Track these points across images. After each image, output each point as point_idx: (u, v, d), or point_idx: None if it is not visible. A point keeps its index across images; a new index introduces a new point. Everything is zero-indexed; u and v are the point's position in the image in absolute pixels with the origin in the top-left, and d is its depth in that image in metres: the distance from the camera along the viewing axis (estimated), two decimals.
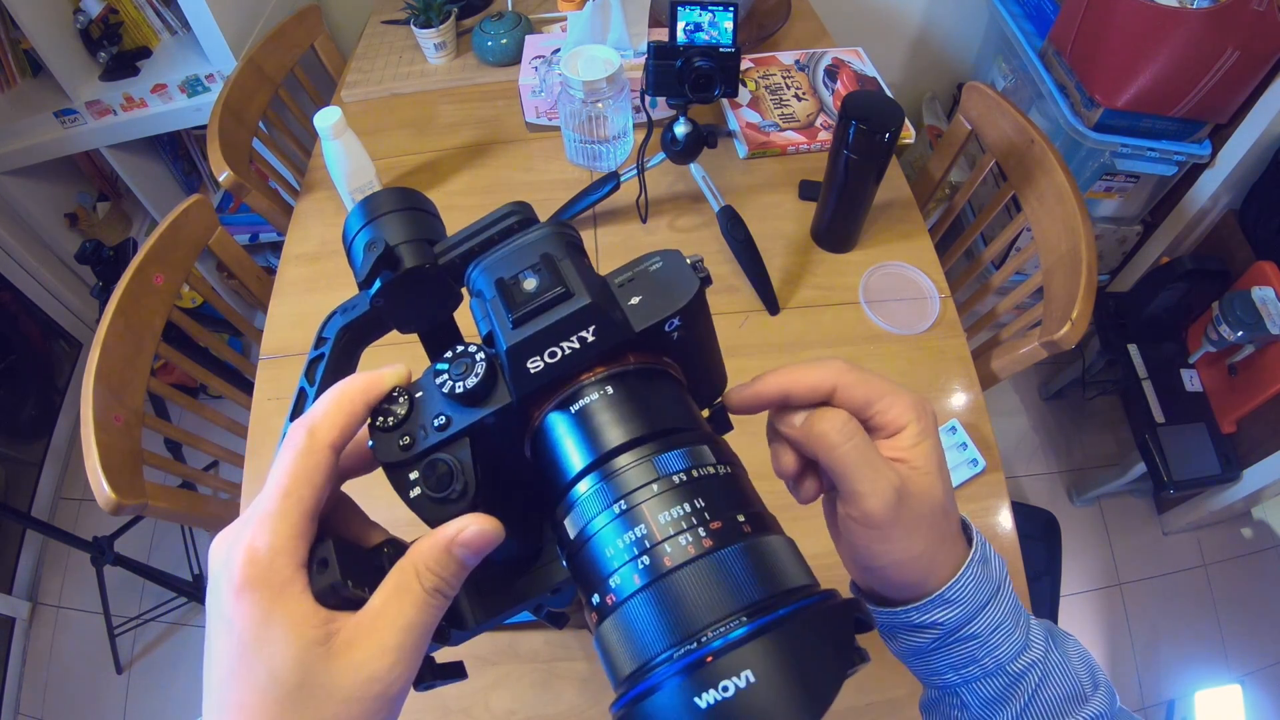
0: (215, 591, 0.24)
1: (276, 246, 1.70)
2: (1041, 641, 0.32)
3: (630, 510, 0.24)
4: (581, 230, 0.99)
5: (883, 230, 0.99)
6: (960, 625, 0.31)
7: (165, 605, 1.53)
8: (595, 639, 0.24)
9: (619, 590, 0.23)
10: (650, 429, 0.26)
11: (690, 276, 0.28)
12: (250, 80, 1.16)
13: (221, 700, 0.23)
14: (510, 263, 0.28)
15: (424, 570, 0.25)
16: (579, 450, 0.26)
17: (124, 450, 0.82)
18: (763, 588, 0.22)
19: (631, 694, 0.21)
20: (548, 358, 0.26)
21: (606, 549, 0.24)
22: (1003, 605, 0.31)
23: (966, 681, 0.32)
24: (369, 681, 0.23)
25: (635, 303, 0.27)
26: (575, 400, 0.27)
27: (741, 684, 0.19)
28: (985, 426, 0.81)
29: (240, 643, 0.23)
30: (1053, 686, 0.31)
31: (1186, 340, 1.53)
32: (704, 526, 0.23)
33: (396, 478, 0.27)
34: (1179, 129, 1.33)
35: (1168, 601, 1.56)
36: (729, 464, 0.26)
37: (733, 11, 0.77)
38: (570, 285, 0.26)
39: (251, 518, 0.24)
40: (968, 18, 1.75)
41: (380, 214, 0.33)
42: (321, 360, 0.34)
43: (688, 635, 0.21)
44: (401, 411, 0.27)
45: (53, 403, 1.78)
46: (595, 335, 0.26)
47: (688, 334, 0.28)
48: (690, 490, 0.24)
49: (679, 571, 0.22)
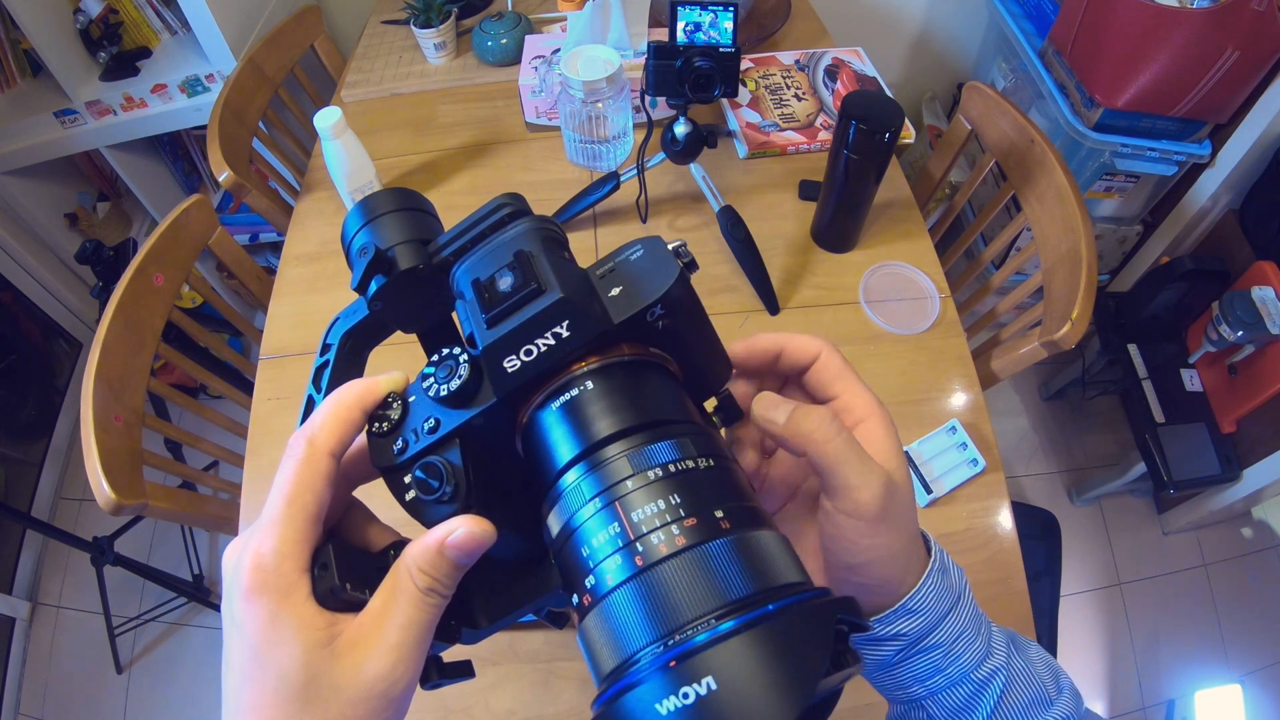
0: (228, 598, 0.25)
1: (276, 246, 1.70)
2: (1004, 648, 0.32)
3: (605, 508, 0.23)
4: (581, 230, 0.99)
5: (883, 230, 0.99)
6: (923, 635, 0.31)
7: (165, 605, 1.53)
8: (579, 637, 0.23)
9: (595, 589, 0.22)
10: (631, 423, 0.25)
11: (671, 263, 0.27)
12: (250, 80, 1.16)
13: (237, 702, 0.24)
14: (487, 263, 0.28)
15: (417, 571, 0.25)
16: (559, 447, 0.26)
17: (124, 450, 0.82)
18: (743, 585, 0.21)
19: (608, 694, 0.20)
20: (524, 356, 0.25)
21: (583, 547, 0.23)
22: (963, 614, 0.31)
23: (932, 693, 0.31)
24: (373, 680, 0.24)
25: (615, 294, 0.27)
26: (558, 396, 0.26)
27: (710, 687, 0.18)
28: (985, 426, 0.81)
29: (251, 646, 0.24)
30: (1018, 692, 0.31)
31: (1186, 340, 1.53)
32: (678, 524, 0.22)
33: (392, 481, 0.27)
34: (1179, 129, 1.33)
35: (1168, 601, 1.56)
36: (714, 457, 0.25)
37: (733, 11, 0.76)
38: (542, 281, 0.25)
39: (258, 526, 0.25)
40: (968, 18, 1.75)
41: (375, 216, 0.33)
42: (327, 367, 0.34)
43: (661, 634, 0.20)
44: (395, 416, 0.28)
45: (53, 403, 1.78)
46: (570, 330, 0.25)
47: (675, 322, 0.27)
48: (667, 485, 0.23)
49: (653, 570, 0.21)
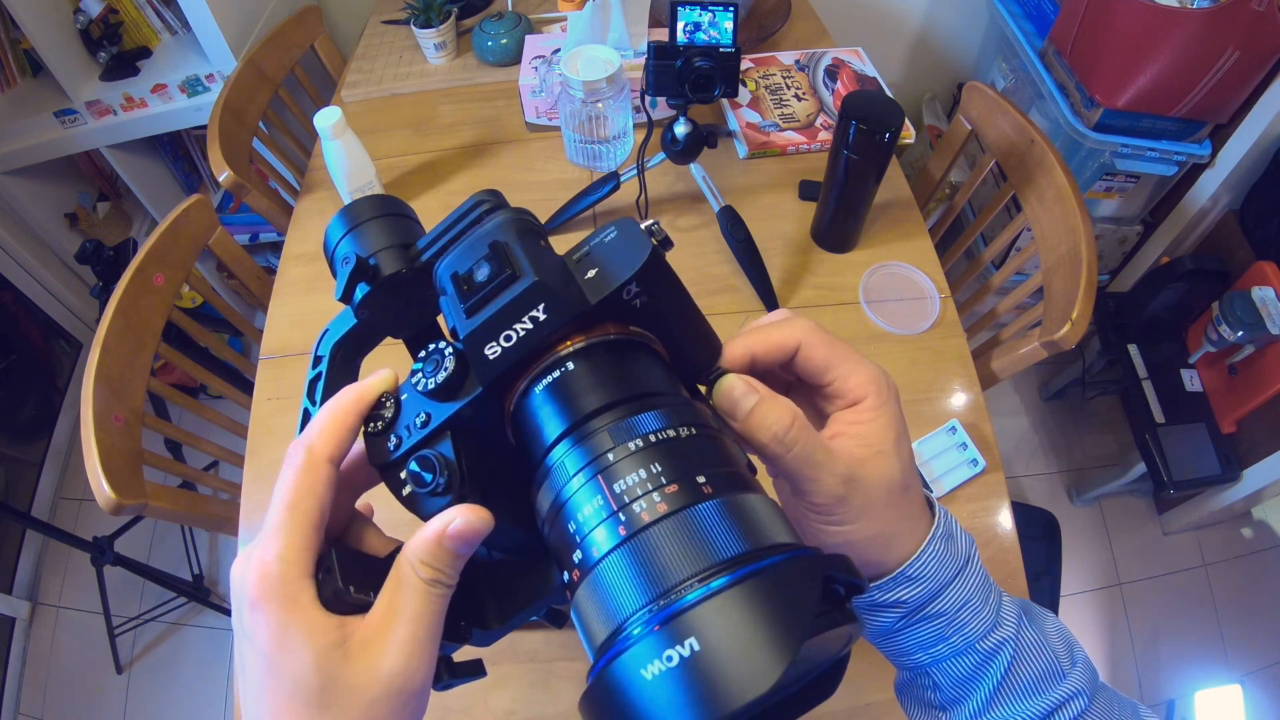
0: (237, 610, 0.25)
1: (276, 246, 1.70)
2: (1014, 619, 0.31)
3: (589, 481, 0.24)
4: (582, 230, 0.99)
5: (883, 230, 0.99)
6: (924, 603, 0.30)
7: (165, 605, 1.53)
8: (572, 613, 0.23)
9: (584, 563, 0.23)
10: (612, 398, 0.26)
11: (644, 241, 0.27)
12: (250, 80, 1.16)
13: (256, 713, 0.24)
14: (465, 257, 0.28)
15: (419, 564, 0.25)
16: (545, 427, 0.26)
17: (124, 450, 0.82)
18: (730, 545, 0.21)
19: (598, 665, 0.21)
20: (504, 341, 0.26)
21: (570, 522, 0.24)
22: (970, 582, 0.31)
23: (936, 661, 0.31)
24: (390, 677, 0.24)
25: (591, 276, 0.27)
26: (541, 379, 0.27)
27: (693, 648, 0.18)
28: (985, 426, 0.81)
29: (263, 655, 0.24)
30: (1027, 663, 0.30)
31: (1186, 340, 1.53)
32: (659, 490, 0.23)
33: (389, 478, 0.27)
34: (1179, 129, 1.33)
35: (1168, 601, 1.56)
36: (696, 425, 0.25)
37: (733, 11, 0.77)
38: (516, 268, 0.26)
39: (260, 537, 0.25)
40: (968, 18, 1.75)
41: (356, 224, 0.33)
42: (320, 379, 0.34)
43: (650, 599, 0.21)
44: (389, 415, 0.28)
45: (53, 403, 1.78)
46: (546, 313, 0.26)
47: (653, 300, 0.27)
48: (649, 455, 0.24)
49: (636, 538, 0.22)
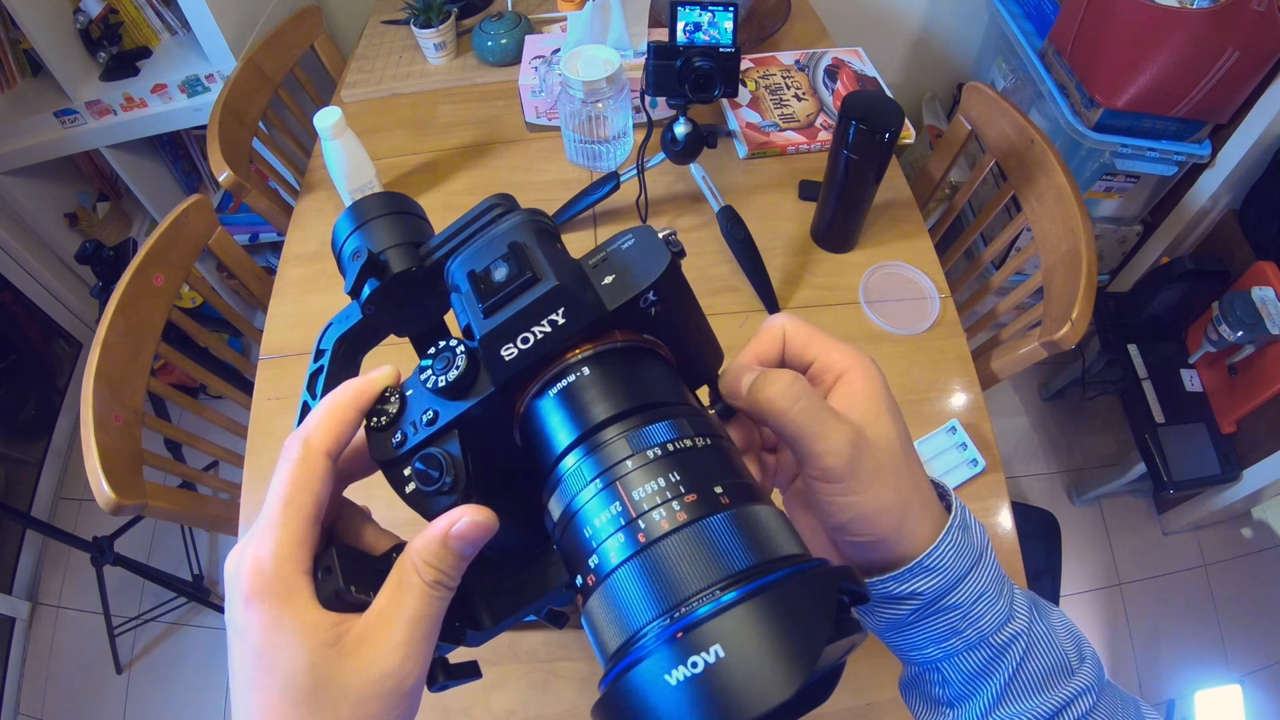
0: (230, 605, 0.25)
1: (276, 246, 1.70)
2: (1026, 612, 0.31)
3: (606, 488, 0.24)
4: (581, 230, 0.99)
5: (883, 230, 0.99)
6: (941, 595, 0.30)
7: (165, 605, 1.53)
8: (583, 619, 0.24)
9: (599, 569, 0.23)
10: (628, 405, 0.26)
11: (662, 250, 0.27)
12: (250, 80, 1.16)
13: (245, 709, 0.24)
14: (482, 255, 0.28)
15: (422, 565, 0.25)
16: (558, 433, 0.26)
17: (124, 450, 0.82)
18: (744, 557, 0.21)
19: (615, 670, 0.21)
20: (520, 344, 0.26)
21: (585, 529, 0.24)
22: (985, 574, 0.30)
23: (948, 655, 0.31)
24: (382, 678, 0.24)
25: (609, 282, 0.27)
26: (554, 383, 0.27)
27: (718, 654, 0.19)
28: (985, 426, 0.81)
29: (255, 651, 0.24)
30: (1037, 659, 0.30)
31: (1186, 340, 1.53)
32: (679, 500, 0.23)
33: (392, 475, 0.27)
34: (1179, 129, 1.33)
35: (1168, 601, 1.56)
36: (710, 436, 0.26)
37: (733, 11, 0.76)
38: (537, 270, 0.26)
39: (255, 531, 0.25)
40: (968, 18, 1.75)
41: (365, 220, 0.33)
42: (321, 373, 0.34)
43: (666, 609, 0.21)
44: (393, 410, 0.28)
45: (53, 403, 1.78)
46: (565, 317, 0.26)
47: (666, 309, 0.28)
48: (666, 464, 0.24)
49: (655, 546, 0.22)
